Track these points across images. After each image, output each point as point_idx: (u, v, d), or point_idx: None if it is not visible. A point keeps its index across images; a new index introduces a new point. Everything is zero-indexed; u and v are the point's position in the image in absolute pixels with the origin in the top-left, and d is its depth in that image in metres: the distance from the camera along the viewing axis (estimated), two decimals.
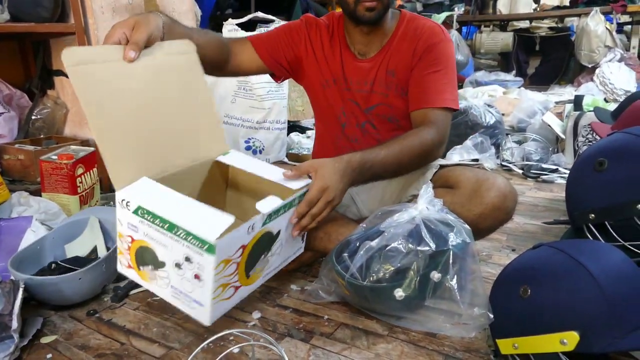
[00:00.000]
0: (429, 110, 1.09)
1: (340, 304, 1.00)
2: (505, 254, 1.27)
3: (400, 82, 1.14)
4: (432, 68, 1.10)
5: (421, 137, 1.04)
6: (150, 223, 0.72)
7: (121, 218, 0.76)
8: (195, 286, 0.72)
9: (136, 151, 0.80)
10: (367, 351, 0.85)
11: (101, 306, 1.03)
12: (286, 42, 1.20)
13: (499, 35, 4.05)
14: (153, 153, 0.83)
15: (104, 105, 0.76)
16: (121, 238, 0.78)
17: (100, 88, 0.76)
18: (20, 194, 1.36)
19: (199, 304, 0.74)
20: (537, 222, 1.51)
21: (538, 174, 2.01)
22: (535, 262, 0.77)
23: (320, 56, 1.20)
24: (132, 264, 0.78)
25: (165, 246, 0.72)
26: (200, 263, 0.70)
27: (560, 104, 2.60)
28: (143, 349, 0.87)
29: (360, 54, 1.17)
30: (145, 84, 0.83)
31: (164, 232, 0.71)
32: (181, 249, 0.71)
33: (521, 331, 0.73)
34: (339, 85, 1.20)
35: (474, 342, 0.88)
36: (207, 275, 0.70)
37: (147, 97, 0.84)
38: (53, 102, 1.99)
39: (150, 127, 0.83)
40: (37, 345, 0.89)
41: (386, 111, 1.19)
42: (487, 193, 1.02)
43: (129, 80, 0.81)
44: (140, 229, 0.74)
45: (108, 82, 0.78)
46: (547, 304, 0.70)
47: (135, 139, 0.80)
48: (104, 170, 1.80)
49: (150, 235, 0.73)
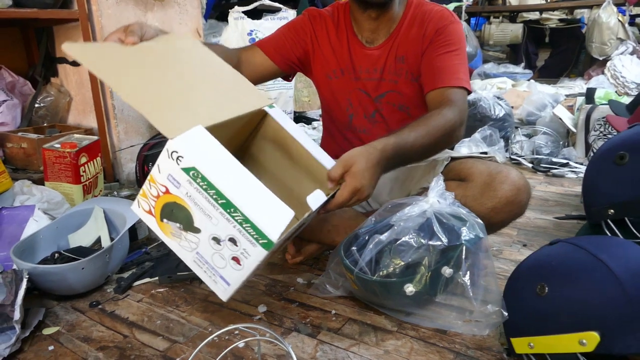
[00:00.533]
0: (446, 90, 1.03)
1: (348, 299, 0.98)
2: (516, 249, 1.24)
3: (410, 68, 1.12)
4: (444, 49, 1.07)
5: (445, 116, 0.97)
6: (200, 189, 0.67)
7: (163, 166, 0.70)
8: (230, 266, 0.70)
9: (177, 105, 0.75)
10: (375, 347, 0.83)
11: (104, 297, 1.01)
12: (293, 40, 1.18)
13: (509, 27, 3.98)
14: (196, 107, 0.78)
15: (125, 75, 0.73)
16: (152, 183, 0.71)
17: (114, 63, 0.74)
18: (23, 183, 1.34)
19: (226, 283, 0.72)
20: (548, 217, 1.48)
21: (548, 167, 1.98)
22: (552, 258, 0.74)
23: (327, 48, 1.17)
24: (155, 212, 0.73)
25: (209, 217, 0.68)
26: (248, 251, 0.67)
27: (571, 97, 2.56)
28: (146, 342, 0.85)
29: (368, 41, 1.14)
30: (159, 59, 0.81)
31: (214, 205, 0.67)
32: (229, 228, 0.67)
33: (537, 330, 0.71)
34: (347, 75, 1.17)
35: (485, 339, 0.85)
36: (250, 264, 0.68)
37: (167, 68, 0.81)
38: (56, 90, 1.96)
39: (183, 90, 0.79)
40: (39, 337, 0.87)
41: (396, 99, 1.16)
42: (500, 186, 0.99)
43: (141, 55, 0.78)
44: (184, 187, 0.68)
45: (120, 59, 0.75)
46: (565, 302, 0.68)
47: (171, 98, 0.76)
48: (107, 159, 1.77)
49: (195, 199, 0.68)
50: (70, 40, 1.87)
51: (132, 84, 0.73)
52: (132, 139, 1.83)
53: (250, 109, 0.88)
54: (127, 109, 1.80)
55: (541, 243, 1.28)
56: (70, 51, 0.70)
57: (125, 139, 1.81)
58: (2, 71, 1.91)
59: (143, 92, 0.73)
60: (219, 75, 0.91)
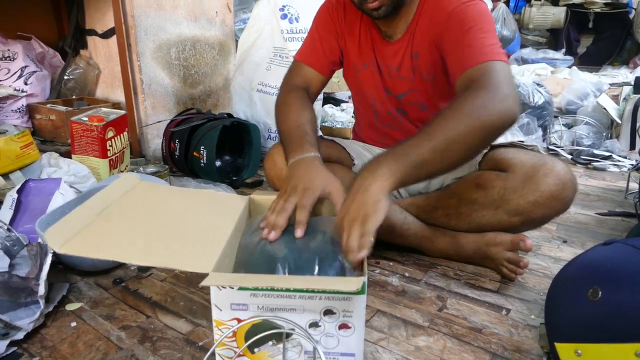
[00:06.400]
0: (471, 71, 0.84)
1: (378, 290, 0.94)
2: (555, 245, 1.17)
3: (425, 65, 1.01)
4: (461, 29, 0.89)
5: (465, 108, 0.76)
6: (268, 292, 0.64)
7: (220, 302, 0.65)
8: (342, 336, 0.66)
9: (187, 244, 0.70)
10: (405, 343, 0.79)
11: (127, 275, 0.99)
12: (331, 36, 1.10)
13: (550, 10, 3.78)
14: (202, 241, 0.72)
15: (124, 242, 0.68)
16: (221, 327, 0.67)
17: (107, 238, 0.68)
18: (51, 155, 1.33)
19: (349, 355, 0.68)
20: (590, 212, 1.39)
21: (589, 160, 1.88)
22: (608, 261, 0.67)
23: (354, 39, 1.09)
24: (243, 351, 0.68)
25: (293, 310, 0.65)
26: (348, 309, 0.64)
27: (615, 86, 2.41)
28: (169, 324, 0.83)
29: (387, 35, 1.05)
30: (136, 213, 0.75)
31: (291, 296, 0.64)
32: (319, 304, 0.64)
33: (587, 337, 0.65)
34: (371, 68, 1.09)
35: (524, 341, 0.80)
36: (358, 318, 0.65)
37: (147, 217, 0.75)
38: (86, 62, 1.96)
39: (167, 229, 0.73)
40: (62, 312, 0.86)
41: (416, 97, 1.07)
42: (544, 179, 0.92)
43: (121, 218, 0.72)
44: (252, 303, 0.65)
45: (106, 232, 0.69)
46: (622, 309, 0.62)
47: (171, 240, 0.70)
48: (134, 134, 1.75)
49: (269, 306, 0.65)
50: (99, 11, 1.85)
51: (136, 247, 0.67)
52: (159, 115, 1.81)
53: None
54: (154, 83, 1.77)
55: (582, 240, 1.20)
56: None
57: (153, 114, 1.79)
58: (33, 42, 1.91)
59: (149, 247, 0.67)
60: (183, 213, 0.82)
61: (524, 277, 1.00)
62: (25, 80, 1.82)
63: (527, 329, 0.82)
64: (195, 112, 1.72)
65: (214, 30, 1.96)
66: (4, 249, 0.92)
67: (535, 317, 0.86)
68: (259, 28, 1.80)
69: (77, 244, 0.64)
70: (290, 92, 1.06)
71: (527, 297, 0.93)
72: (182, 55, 1.85)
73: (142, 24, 1.69)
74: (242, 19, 2.24)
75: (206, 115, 1.66)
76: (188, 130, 1.57)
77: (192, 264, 0.64)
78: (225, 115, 1.68)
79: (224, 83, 2.06)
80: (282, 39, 1.77)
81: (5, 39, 1.85)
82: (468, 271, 1.03)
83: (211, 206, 0.83)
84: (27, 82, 1.82)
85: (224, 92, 2.07)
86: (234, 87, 1.92)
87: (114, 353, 0.75)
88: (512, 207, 0.95)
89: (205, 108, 1.97)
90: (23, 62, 1.82)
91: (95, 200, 0.75)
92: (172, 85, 1.84)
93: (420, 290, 0.95)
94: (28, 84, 1.82)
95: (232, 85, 1.94)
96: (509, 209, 0.95)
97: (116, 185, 0.82)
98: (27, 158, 1.30)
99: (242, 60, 1.85)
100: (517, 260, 0.96)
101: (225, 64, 2.05)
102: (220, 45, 2.00)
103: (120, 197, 0.79)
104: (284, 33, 1.77)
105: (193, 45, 1.89)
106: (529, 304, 0.90)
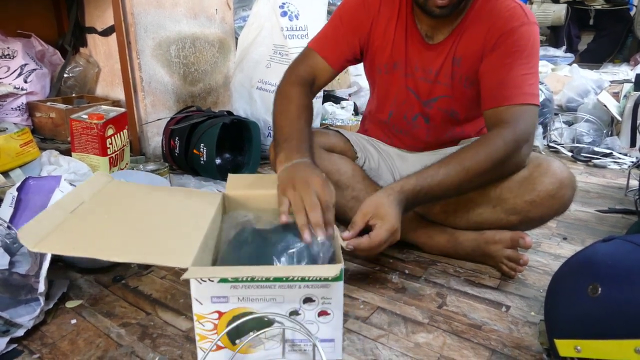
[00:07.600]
0: (504, 109, 0.90)
1: (377, 287, 0.94)
2: (555, 242, 1.17)
3: (466, 72, 0.99)
4: (510, 57, 0.91)
5: (489, 146, 0.87)
6: (248, 284, 0.64)
7: (200, 296, 0.65)
8: (321, 323, 0.68)
9: (165, 240, 0.71)
10: (405, 339, 0.79)
11: (127, 272, 0.99)
12: (355, 32, 1.05)
13: (551, 7, 3.78)
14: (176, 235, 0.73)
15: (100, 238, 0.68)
16: (202, 320, 0.67)
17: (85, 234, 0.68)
18: (51, 153, 1.33)
19: (329, 341, 0.69)
20: (590, 209, 1.39)
21: (589, 157, 1.87)
22: (608, 257, 0.67)
23: (384, 36, 1.04)
24: (224, 343, 0.68)
25: (273, 300, 0.66)
26: (327, 296, 0.66)
27: (616, 83, 2.41)
28: (169, 321, 0.83)
29: (428, 35, 1.01)
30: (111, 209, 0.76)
31: (271, 286, 0.65)
32: (298, 292, 0.65)
33: (586, 333, 0.65)
34: (399, 70, 1.05)
35: (523, 338, 0.80)
36: (336, 305, 0.67)
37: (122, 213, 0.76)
38: (85, 60, 1.95)
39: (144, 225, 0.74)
40: (62, 310, 0.86)
41: (448, 104, 1.05)
42: (540, 179, 0.92)
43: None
44: (232, 295, 0.65)
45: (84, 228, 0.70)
46: (622, 305, 0.62)
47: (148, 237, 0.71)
48: (134, 132, 1.75)
49: (249, 297, 0.65)
50: (99, 9, 1.85)
51: (112, 243, 0.67)
52: (159, 112, 1.81)
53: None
54: (154, 81, 1.77)
55: (582, 237, 1.20)
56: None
57: (153, 112, 1.79)
58: (32, 39, 1.91)
59: (125, 243, 0.67)
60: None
61: (524, 274, 1.00)
62: (25, 78, 1.82)
63: (527, 326, 0.83)
64: (195, 110, 1.72)
65: (214, 28, 1.96)
66: (4, 246, 0.92)
67: (535, 314, 0.86)
68: (258, 25, 1.80)
69: (52, 242, 0.64)
70: (293, 84, 1.03)
71: (527, 294, 0.93)
72: (182, 53, 1.85)
73: (141, 22, 1.69)
74: (241, 16, 2.24)
75: (206, 112, 1.66)
76: (188, 128, 1.57)
77: (171, 259, 0.65)
78: (225, 113, 1.67)
79: (223, 81, 2.06)
80: (282, 37, 1.77)
81: (5, 37, 1.85)
82: (468, 268, 1.03)
83: (185, 202, 0.84)
84: (27, 80, 1.82)
85: (224, 89, 2.07)
86: (233, 85, 1.92)
87: (114, 350, 0.75)
88: (509, 206, 0.95)
89: (205, 106, 1.97)
90: (23, 60, 1.82)
91: (68, 198, 0.75)
92: (172, 83, 1.84)
93: (420, 287, 0.95)
94: (28, 81, 1.82)
95: (232, 83, 1.94)
96: (506, 207, 0.95)
97: (88, 183, 0.82)
98: (27, 156, 1.30)
99: (242, 57, 1.85)
100: (517, 258, 0.96)
101: (225, 61, 2.05)
102: (220, 43, 2.00)
103: (94, 195, 0.79)
104: (284, 30, 1.76)
105: (193, 43, 1.88)
106: (529, 300, 0.90)
